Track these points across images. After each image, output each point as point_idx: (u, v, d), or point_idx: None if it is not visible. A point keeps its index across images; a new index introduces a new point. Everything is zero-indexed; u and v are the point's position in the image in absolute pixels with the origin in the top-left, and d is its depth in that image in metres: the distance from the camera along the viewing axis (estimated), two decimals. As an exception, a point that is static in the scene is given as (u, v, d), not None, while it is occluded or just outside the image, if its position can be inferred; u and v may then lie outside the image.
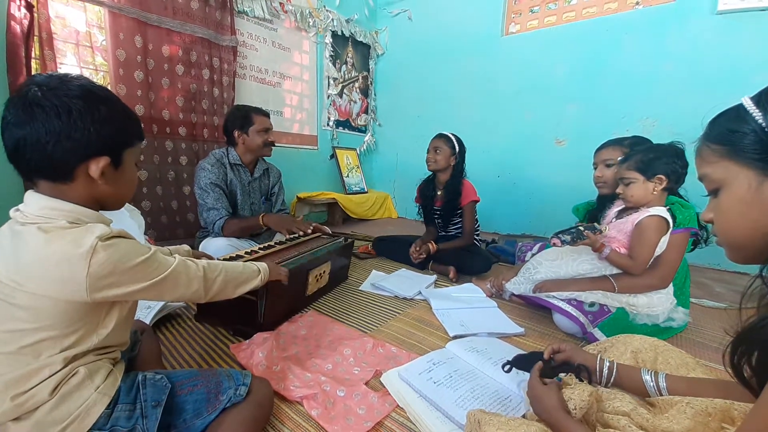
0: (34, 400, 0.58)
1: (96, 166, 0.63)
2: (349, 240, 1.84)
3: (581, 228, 1.29)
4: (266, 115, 1.93)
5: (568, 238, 1.28)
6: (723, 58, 2.24)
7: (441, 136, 2.11)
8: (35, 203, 0.61)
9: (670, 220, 1.23)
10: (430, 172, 2.21)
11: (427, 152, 2.13)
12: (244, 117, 1.85)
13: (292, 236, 1.75)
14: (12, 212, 0.63)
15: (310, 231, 1.75)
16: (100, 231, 0.61)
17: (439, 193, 2.18)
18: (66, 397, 0.60)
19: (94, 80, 0.68)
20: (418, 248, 2.04)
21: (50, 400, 0.59)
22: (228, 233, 1.77)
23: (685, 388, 0.72)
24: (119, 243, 0.63)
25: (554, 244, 1.31)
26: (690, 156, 1.23)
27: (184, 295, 0.74)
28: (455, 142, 2.09)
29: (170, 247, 1.09)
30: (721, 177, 0.53)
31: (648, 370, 0.79)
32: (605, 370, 0.83)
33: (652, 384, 0.76)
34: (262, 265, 0.98)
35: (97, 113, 0.61)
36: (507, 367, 0.96)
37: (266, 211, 2.08)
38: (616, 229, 1.33)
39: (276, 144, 3.03)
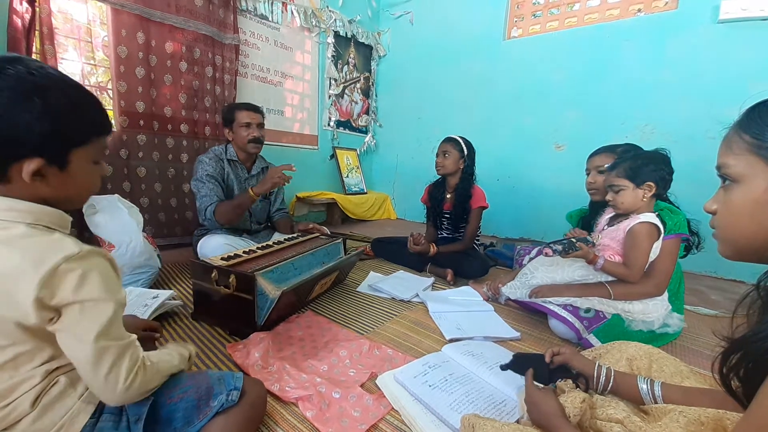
0: (16, 413, 0.56)
1: (26, 169, 0.54)
2: (361, 249, 1.87)
3: (574, 240, 1.30)
4: (252, 109, 1.90)
5: (559, 248, 1.30)
6: (723, 67, 2.25)
7: (449, 140, 2.08)
8: None
9: (661, 226, 1.24)
10: (438, 176, 2.19)
11: (436, 156, 2.10)
12: (229, 113, 1.88)
13: (290, 236, 1.75)
14: None
15: (290, 174, 1.73)
16: (69, 249, 0.54)
17: (448, 196, 2.16)
18: (48, 408, 0.58)
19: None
20: (418, 239, 2.03)
21: (32, 411, 0.56)
22: (220, 215, 1.75)
23: (680, 397, 0.72)
24: (90, 270, 0.56)
25: (546, 254, 1.32)
26: (674, 162, 1.26)
27: (99, 378, 0.59)
28: (464, 146, 2.06)
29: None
30: (741, 172, 0.50)
31: (644, 378, 0.79)
32: (602, 377, 0.83)
33: (647, 392, 0.76)
34: (191, 351, 0.84)
35: (29, 106, 0.53)
36: (503, 365, 0.97)
37: (263, 209, 2.08)
38: (609, 237, 1.34)
39: (276, 144, 3.09)
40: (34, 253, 0.53)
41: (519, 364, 0.96)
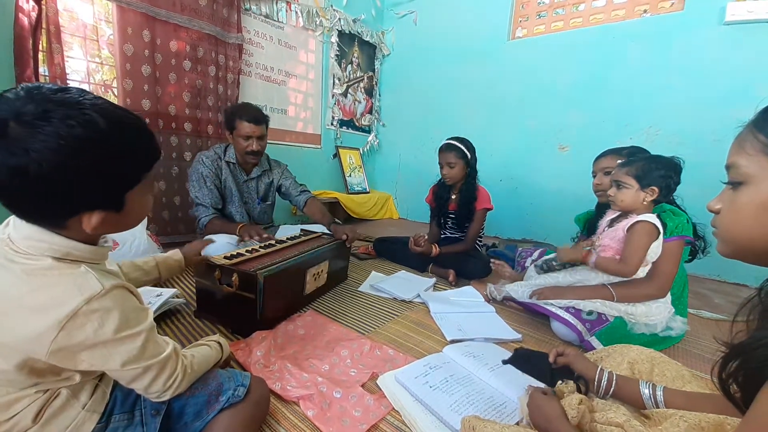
0: (18, 428, 0.56)
1: (88, 221, 0.54)
2: (344, 238, 1.77)
3: (551, 259, 1.39)
4: (254, 121, 1.81)
5: (540, 263, 1.38)
6: (729, 69, 2.23)
7: (452, 149, 2.01)
8: (21, 231, 0.54)
9: (660, 226, 1.25)
10: (438, 177, 2.18)
11: (441, 167, 2.06)
12: (229, 119, 1.84)
13: (292, 236, 1.76)
14: (2, 229, 0.56)
15: (258, 238, 1.65)
16: (92, 289, 0.53)
17: (453, 197, 2.17)
18: (50, 421, 0.57)
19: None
20: (419, 240, 2.02)
21: (34, 426, 0.56)
22: (209, 230, 1.80)
23: (682, 402, 0.72)
24: (111, 309, 0.55)
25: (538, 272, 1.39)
26: (686, 172, 1.26)
27: (156, 388, 0.63)
28: (466, 151, 2.02)
29: (157, 257, 1.01)
30: (752, 172, 0.48)
31: (646, 383, 0.79)
32: (604, 381, 0.83)
33: (649, 396, 0.76)
34: (226, 349, 0.90)
35: (77, 161, 0.50)
36: (505, 360, 0.97)
37: (264, 211, 2.09)
38: (609, 237, 1.35)
39: (279, 143, 3.09)
40: (55, 291, 0.52)
41: (521, 359, 0.97)
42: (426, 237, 2.07)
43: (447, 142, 2.07)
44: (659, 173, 1.24)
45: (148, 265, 0.97)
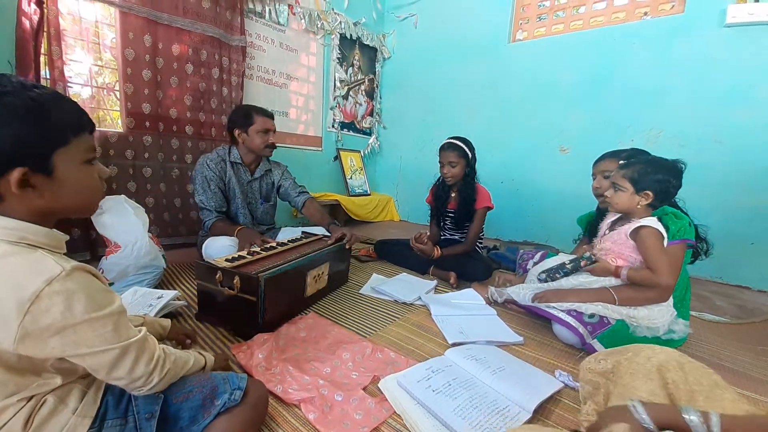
0: None
1: (12, 181, 0.52)
2: (344, 241, 1.78)
3: (579, 258, 1.40)
4: (269, 115, 1.91)
5: (543, 275, 1.40)
6: (730, 71, 2.24)
7: (453, 148, 2.03)
8: None
9: (663, 231, 1.24)
10: (437, 176, 2.19)
11: (442, 166, 2.07)
12: (245, 116, 1.86)
13: (293, 238, 1.76)
14: None
15: (256, 249, 1.51)
16: (50, 271, 0.52)
17: (452, 195, 2.18)
18: (41, 427, 0.57)
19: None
20: (422, 237, 2.02)
21: None
22: (213, 231, 1.83)
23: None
24: (75, 291, 0.53)
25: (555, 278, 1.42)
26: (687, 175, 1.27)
27: (137, 374, 0.62)
28: (467, 150, 2.04)
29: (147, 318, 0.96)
30: None
31: (690, 409, 0.61)
32: (643, 416, 0.63)
33: (699, 425, 0.59)
34: (209, 359, 0.84)
35: None
36: None
37: (266, 211, 2.09)
38: (610, 240, 1.35)
39: (280, 145, 3.10)
40: (12, 276, 0.51)
41: None
42: (429, 235, 2.07)
43: (448, 141, 2.08)
44: (655, 177, 1.24)
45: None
